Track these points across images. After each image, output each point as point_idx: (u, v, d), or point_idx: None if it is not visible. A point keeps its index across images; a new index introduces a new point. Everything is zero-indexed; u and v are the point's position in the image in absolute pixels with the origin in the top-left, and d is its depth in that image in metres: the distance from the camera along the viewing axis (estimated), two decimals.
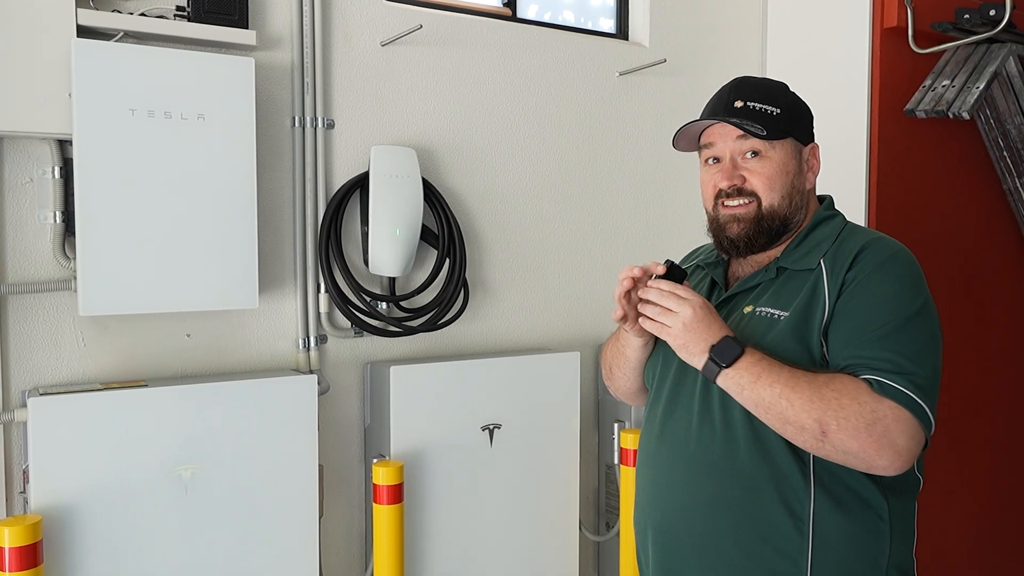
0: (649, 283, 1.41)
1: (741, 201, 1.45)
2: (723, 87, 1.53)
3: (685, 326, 1.36)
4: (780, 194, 1.45)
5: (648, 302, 1.40)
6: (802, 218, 1.49)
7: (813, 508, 1.35)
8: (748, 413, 1.35)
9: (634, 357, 1.60)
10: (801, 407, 1.27)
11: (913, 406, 1.27)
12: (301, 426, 2.14)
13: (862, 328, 1.32)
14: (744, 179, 1.45)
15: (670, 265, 1.43)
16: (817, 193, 1.57)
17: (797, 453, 1.35)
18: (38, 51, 1.88)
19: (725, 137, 1.47)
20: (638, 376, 1.64)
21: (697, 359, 1.36)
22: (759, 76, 1.55)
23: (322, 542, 2.27)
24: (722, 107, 1.48)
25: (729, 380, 1.33)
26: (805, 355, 1.36)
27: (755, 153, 1.45)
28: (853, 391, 1.27)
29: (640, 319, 1.43)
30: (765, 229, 1.45)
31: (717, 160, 1.49)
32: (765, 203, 1.44)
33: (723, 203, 1.48)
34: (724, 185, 1.46)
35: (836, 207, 1.55)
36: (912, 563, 1.44)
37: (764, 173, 1.44)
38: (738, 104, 1.46)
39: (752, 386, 1.31)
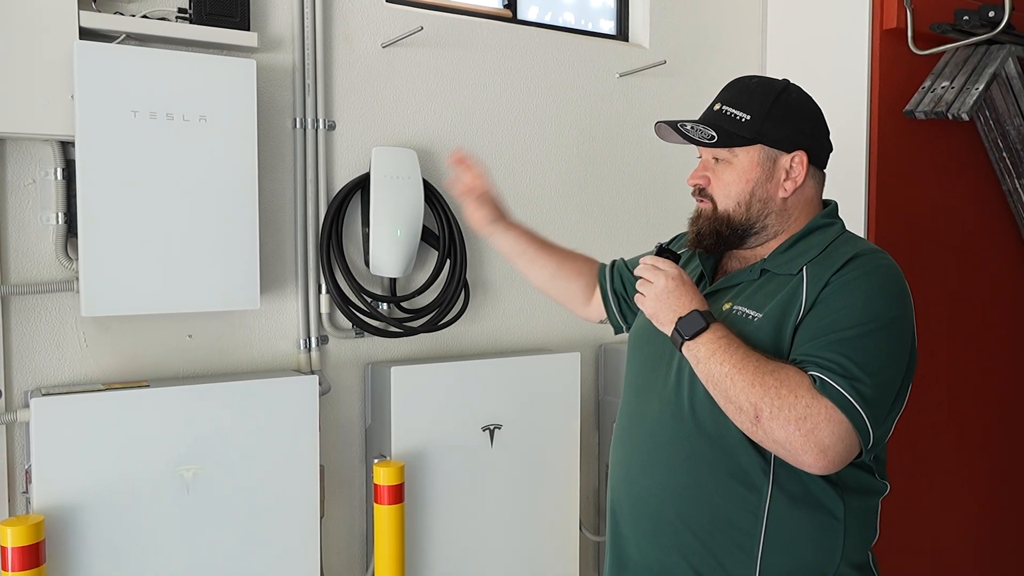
0: (640, 259, 1.50)
1: (700, 200, 1.52)
2: None
3: (656, 296, 1.42)
4: (735, 201, 1.47)
5: (637, 276, 1.49)
6: (776, 224, 1.48)
7: (769, 504, 1.37)
8: (714, 407, 1.38)
9: (498, 247, 1.88)
10: (742, 389, 1.30)
11: (850, 411, 1.27)
12: (302, 426, 2.14)
13: (823, 329, 1.33)
14: (708, 180, 1.50)
15: (660, 248, 1.50)
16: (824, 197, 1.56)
17: (759, 451, 1.37)
18: (40, 53, 1.88)
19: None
20: (524, 266, 1.88)
21: (666, 328, 1.42)
22: (758, 77, 1.54)
23: (323, 542, 2.27)
24: (706, 108, 1.52)
25: (689, 352, 1.38)
26: (776, 356, 1.37)
27: (718, 158, 1.49)
28: (794, 384, 1.29)
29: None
30: (713, 230, 1.49)
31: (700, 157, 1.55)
32: (720, 208, 1.48)
33: (697, 199, 1.54)
34: (690, 183, 1.53)
35: (839, 214, 1.54)
36: (868, 557, 1.47)
37: (722, 179, 1.48)
38: (716, 107, 1.49)
39: (706, 360, 1.35)
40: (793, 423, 1.26)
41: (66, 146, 2.00)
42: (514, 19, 2.75)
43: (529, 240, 1.88)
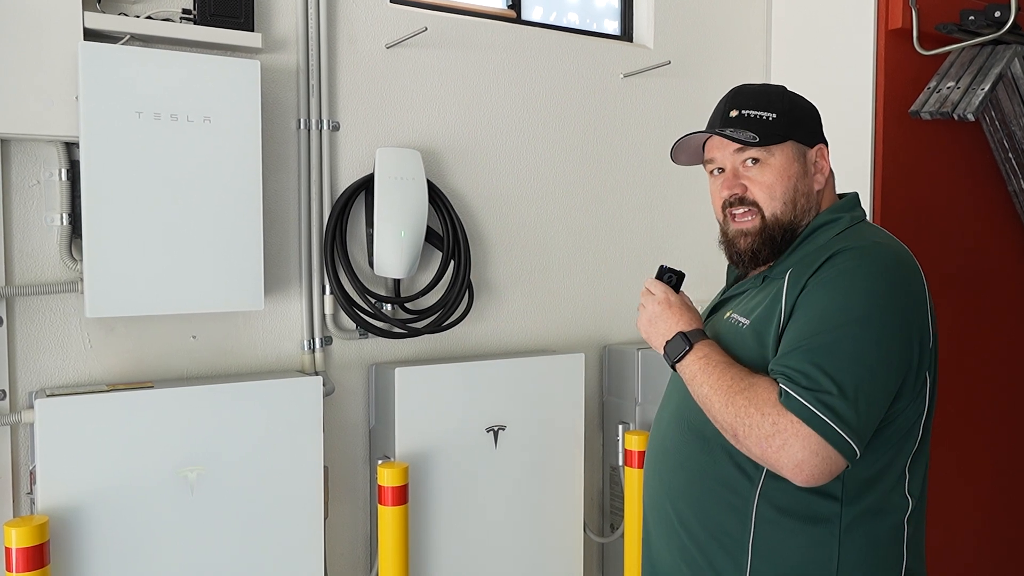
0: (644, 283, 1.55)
1: (744, 210, 1.47)
2: (721, 99, 1.54)
3: (648, 320, 1.49)
4: (782, 200, 1.45)
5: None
6: (812, 220, 1.49)
7: (755, 512, 1.36)
8: (702, 414, 1.40)
9: None
10: (719, 409, 1.33)
11: (817, 423, 1.22)
12: (306, 427, 2.14)
13: (797, 336, 1.30)
14: (745, 188, 1.46)
15: (661, 269, 1.54)
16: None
17: (746, 459, 1.36)
18: (45, 54, 1.89)
19: (723, 149, 1.48)
20: None
21: (659, 351, 1.48)
22: (757, 83, 1.56)
23: (327, 543, 2.27)
24: (718, 118, 1.50)
25: (680, 373, 1.43)
26: (763, 363, 1.35)
27: (755, 160, 1.46)
28: (761, 401, 1.27)
29: None
30: (768, 240, 1.46)
31: (722, 171, 1.51)
32: (767, 212, 1.45)
33: (730, 213, 1.49)
34: (726, 194, 1.48)
35: (854, 205, 1.51)
36: None
37: (764, 181, 1.45)
38: (733, 114, 1.47)
39: (691, 382, 1.40)
40: (764, 440, 1.25)
41: (70, 147, 2.00)
42: (518, 19, 2.75)
43: None
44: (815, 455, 1.22)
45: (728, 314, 1.48)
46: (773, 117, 1.45)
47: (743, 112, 1.46)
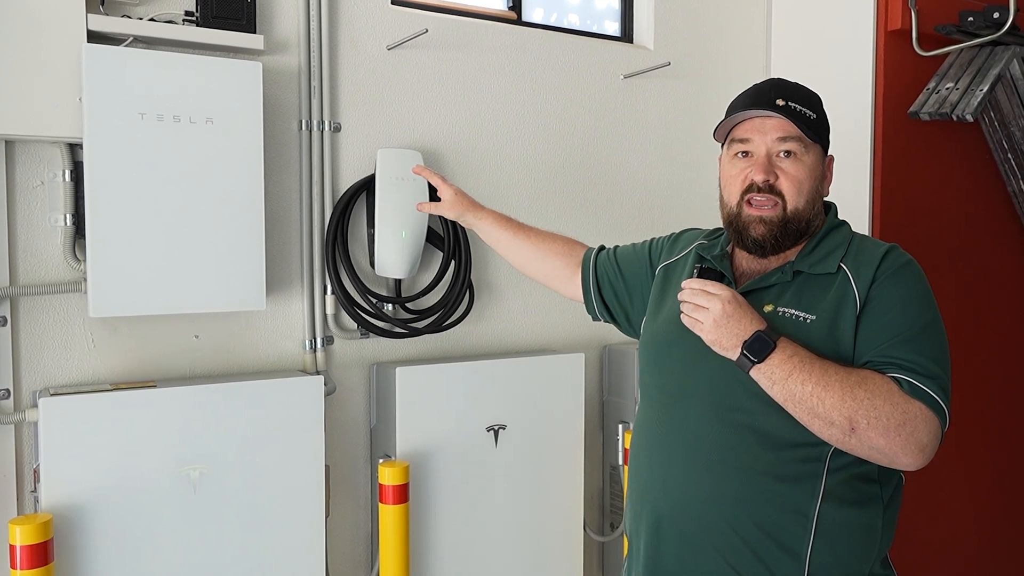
0: (683, 283, 1.46)
1: (768, 198, 1.46)
2: (762, 85, 1.53)
3: (716, 322, 1.39)
4: (805, 199, 1.47)
5: (684, 301, 1.45)
6: (819, 223, 1.53)
7: (820, 506, 1.38)
8: (762, 412, 1.39)
9: (485, 234, 2.06)
10: (832, 405, 1.32)
11: (937, 408, 1.34)
12: (308, 426, 2.16)
13: (889, 328, 1.38)
14: (776, 177, 1.46)
15: (702, 269, 1.48)
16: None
17: (812, 455, 1.38)
18: (49, 56, 1.90)
19: (765, 134, 1.47)
20: (503, 252, 2.03)
21: (730, 353, 1.39)
22: (791, 80, 1.55)
23: (328, 542, 2.28)
24: (764, 103, 1.47)
25: (761, 374, 1.37)
26: (836, 357, 1.39)
27: (788, 153, 1.46)
28: (885, 392, 1.32)
29: (680, 316, 1.46)
30: (792, 232, 1.47)
31: (747, 154, 1.50)
32: (790, 206, 1.46)
33: (750, 200, 1.48)
34: (759, 179, 1.46)
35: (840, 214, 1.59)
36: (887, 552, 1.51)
37: (796, 176, 1.46)
38: (780, 102, 1.46)
39: (784, 381, 1.34)
40: (893, 430, 1.31)
41: (74, 148, 2.01)
42: (519, 21, 2.76)
43: (504, 226, 2.00)
44: (935, 437, 1.35)
45: (769, 308, 1.45)
46: (815, 117, 1.48)
47: (790, 104, 1.46)
